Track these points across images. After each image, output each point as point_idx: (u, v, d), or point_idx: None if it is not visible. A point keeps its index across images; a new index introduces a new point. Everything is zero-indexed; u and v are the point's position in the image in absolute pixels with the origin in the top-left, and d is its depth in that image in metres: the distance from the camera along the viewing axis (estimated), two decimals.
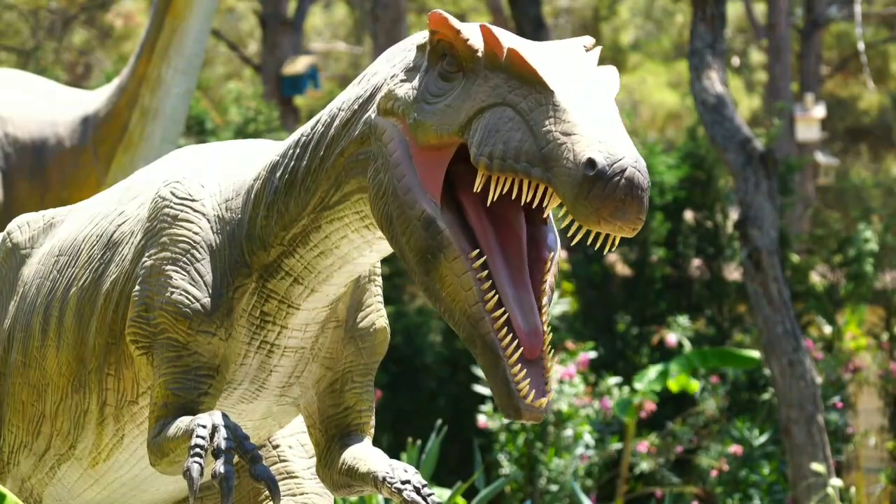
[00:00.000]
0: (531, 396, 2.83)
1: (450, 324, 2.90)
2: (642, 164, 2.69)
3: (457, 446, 11.53)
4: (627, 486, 10.91)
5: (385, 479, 3.18)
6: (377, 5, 16.96)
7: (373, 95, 3.05)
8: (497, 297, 2.85)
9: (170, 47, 7.84)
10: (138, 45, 8.00)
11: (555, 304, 10.66)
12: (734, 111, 9.52)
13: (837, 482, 8.03)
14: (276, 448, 3.71)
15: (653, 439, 10.84)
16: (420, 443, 7.92)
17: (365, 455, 3.29)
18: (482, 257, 2.87)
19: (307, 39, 26.07)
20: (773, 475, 10.27)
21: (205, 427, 3.02)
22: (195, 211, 3.29)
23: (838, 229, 13.38)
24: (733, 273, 12.99)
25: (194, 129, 12.92)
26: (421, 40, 3.01)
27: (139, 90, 7.92)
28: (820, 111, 22.78)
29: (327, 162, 3.10)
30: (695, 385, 10.65)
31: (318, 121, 3.17)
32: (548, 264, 2.94)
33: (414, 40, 3.06)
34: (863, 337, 12.10)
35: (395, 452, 6.73)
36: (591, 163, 2.65)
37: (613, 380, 10.57)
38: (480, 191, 2.85)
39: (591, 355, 10.32)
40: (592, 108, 2.75)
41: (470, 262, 2.86)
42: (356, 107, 3.08)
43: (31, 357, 3.56)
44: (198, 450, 2.99)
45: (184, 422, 3.13)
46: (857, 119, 29.03)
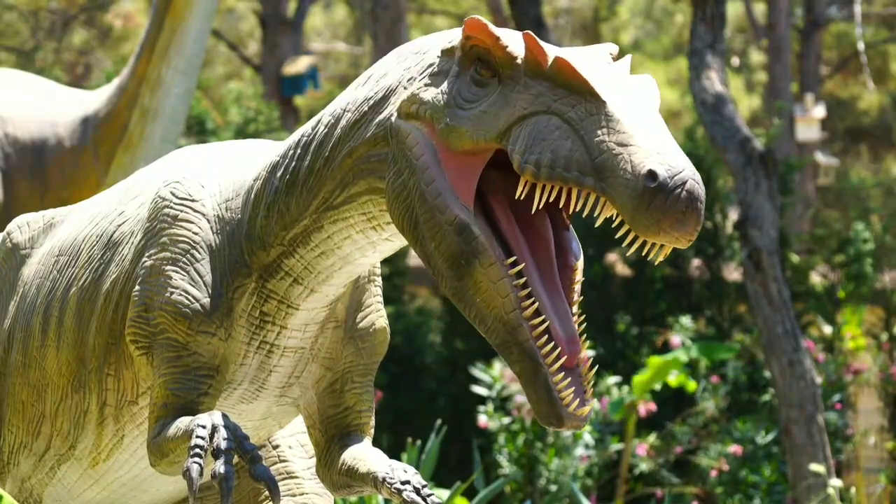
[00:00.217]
0: (574, 404, 2.82)
1: (480, 330, 2.89)
2: (699, 176, 2.70)
3: (456, 446, 11.54)
4: (627, 486, 10.91)
5: (385, 479, 3.18)
6: (377, 5, 16.97)
7: (386, 97, 3.03)
8: (535, 305, 2.84)
9: (170, 47, 7.84)
10: (138, 46, 8.00)
11: None
12: (734, 111, 9.52)
13: (837, 482, 8.03)
14: (276, 448, 3.71)
15: (653, 440, 10.84)
16: (420, 443, 7.92)
17: (365, 455, 3.29)
18: (518, 264, 2.86)
19: (307, 39, 26.06)
20: (774, 475, 10.27)
21: (204, 427, 3.02)
22: (195, 211, 3.29)
23: (838, 229, 13.38)
24: (733, 273, 12.99)
25: (194, 129, 12.92)
26: (446, 45, 2.99)
27: (139, 90, 7.92)
28: (820, 111, 22.78)
29: (332, 162, 3.09)
30: (693, 384, 10.65)
31: (320, 121, 3.16)
32: (576, 271, 2.95)
33: (427, 43, 3.05)
34: (862, 337, 12.10)
35: (394, 452, 6.73)
36: (651, 174, 2.65)
37: (613, 379, 10.57)
38: (510, 196, 2.85)
39: (590, 353, 10.31)
40: (643, 119, 2.75)
41: (506, 268, 2.85)
42: (366, 108, 3.06)
43: (31, 357, 3.56)
44: (197, 450, 2.99)
45: (183, 422, 3.13)
46: (857, 119, 29.03)
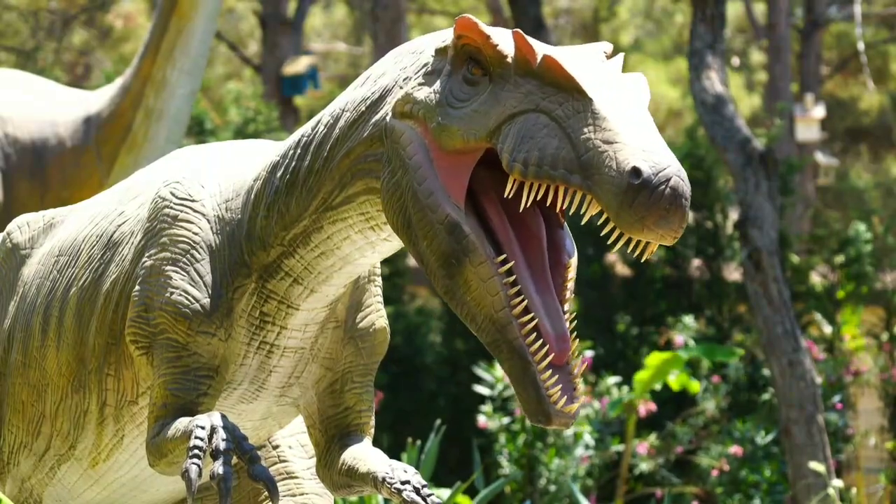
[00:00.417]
0: (562, 402, 2.83)
1: (471, 328, 2.90)
2: (684, 173, 2.70)
3: (456, 446, 11.54)
4: (627, 486, 10.91)
5: (385, 479, 3.18)
6: (377, 5, 16.97)
7: (382, 97, 3.04)
8: (524, 303, 2.85)
9: (175, 48, 7.83)
10: (142, 46, 7.99)
11: None
12: (734, 111, 9.52)
13: (838, 483, 8.03)
14: (276, 448, 3.71)
15: (653, 440, 10.84)
16: (420, 443, 7.92)
17: (365, 455, 3.29)
18: (508, 262, 2.87)
19: (307, 39, 26.07)
20: (774, 475, 10.27)
21: (203, 428, 3.02)
22: (195, 211, 3.29)
23: (838, 229, 13.39)
24: (733, 273, 13.00)
25: (194, 129, 12.91)
26: (439, 44, 3.00)
27: (144, 91, 7.92)
28: (820, 111, 22.79)
29: (331, 162, 3.09)
30: (696, 385, 10.65)
31: (320, 121, 3.16)
32: (569, 269, 2.95)
33: (423, 43, 3.05)
34: (861, 337, 12.10)
35: (394, 452, 6.72)
36: (635, 171, 2.65)
37: (613, 380, 10.57)
38: (502, 195, 2.86)
39: (589, 354, 10.32)
40: (630, 116, 2.75)
41: (496, 266, 2.85)
42: (363, 108, 3.06)
43: (31, 357, 3.56)
44: (196, 451, 2.99)
45: (182, 423, 3.13)
46: (857, 119, 29.03)
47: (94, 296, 3.42)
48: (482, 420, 9.86)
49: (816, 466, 8.69)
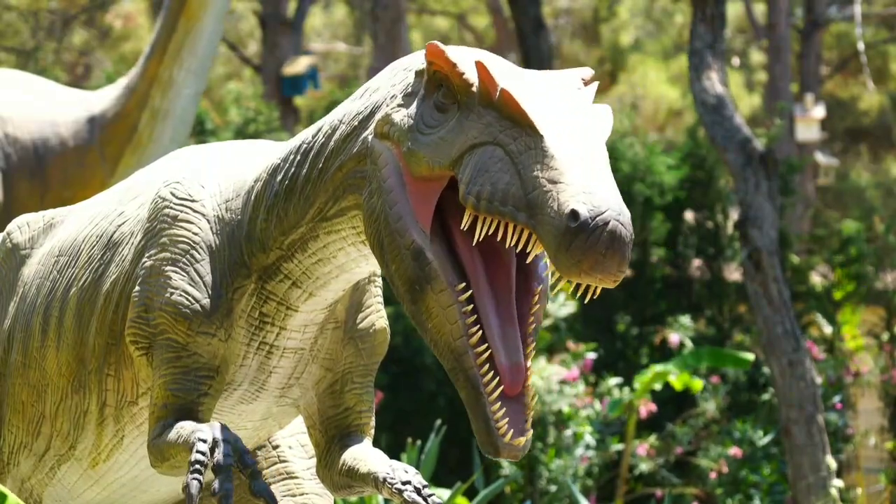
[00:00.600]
0: (509, 435, 2.83)
1: (435, 353, 2.90)
2: (626, 215, 2.66)
3: (456, 447, 11.53)
4: (627, 486, 10.91)
5: (385, 479, 3.18)
6: (377, 5, 16.96)
7: (372, 113, 3.04)
8: (481, 332, 2.85)
9: (183, 48, 7.83)
10: (148, 46, 7.99)
11: (561, 307, 10.67)
12: (734, 111, 9.52)
13: (839, 483, 8.03)
14: (276, 448, 3.71)
15: (653, 440, 10.83)
16: (420, 443, 7.92)
17: (365, 456, 3.29)
18: (469, 290, 2.86)
19: (307, 40, 26.06)
20: (774, 475, 10.27)
21: (205, 442, 3.02)
22: (195, 212, 3.29)
23: (838, 229, 13.38)
24: (733, 273, 12.99)
25: (194, 129, 12.90)
26: (420, 65, 3.00)
27: (150, 91, 7.91)
28: (820, 111, 22.78)
29: (326, 174, 3.10)
30: (698, 384, 10.65)
31: (320, 130, 3.16)
32: (536, 297, 2.93)
33: (414, 60, 3.05)
34: (861, 337, 12.10)
35: (394, 453, 6.72)
36: (573, 214, 2.63)
37: (614, 380, 10.57)
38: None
39: (591, 356, 10.32)
40: (581, 155, 2.72)
41: (456, 294, 2.85)
42: (356, 123, 3.07)
43: (31, 357, 3.56)
44: (198, 466, 2.99)
45: (186, 429, 3.13)
46: (857, 119, 29.03)
47: (94, 296, 3.42)
48: None
49: (829, 461, 8.69)
